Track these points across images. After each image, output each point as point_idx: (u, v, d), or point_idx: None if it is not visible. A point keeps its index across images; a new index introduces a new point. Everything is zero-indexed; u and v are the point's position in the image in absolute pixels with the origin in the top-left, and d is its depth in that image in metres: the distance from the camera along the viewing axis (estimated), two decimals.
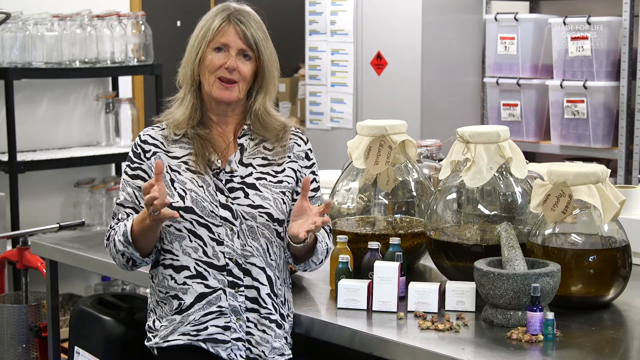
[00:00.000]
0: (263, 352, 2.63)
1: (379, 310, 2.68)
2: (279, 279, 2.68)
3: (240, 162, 2.67)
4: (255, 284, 2.63)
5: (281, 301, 2.68)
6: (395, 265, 2.72)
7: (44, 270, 3.79)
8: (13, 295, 4.39)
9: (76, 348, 3.32)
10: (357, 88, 5.82)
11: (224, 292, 2.62)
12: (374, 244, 2.86)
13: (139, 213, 2.59)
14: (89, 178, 5.38)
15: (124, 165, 2.73)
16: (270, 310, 2.64)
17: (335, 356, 2.93)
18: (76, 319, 3.35)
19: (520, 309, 2.51)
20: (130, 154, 2.70)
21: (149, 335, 2.71)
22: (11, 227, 4.87)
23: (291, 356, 2.68)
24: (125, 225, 2.60)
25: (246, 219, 2.62)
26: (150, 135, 2.70)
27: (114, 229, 2.66)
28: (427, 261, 3.12)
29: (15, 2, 5.10)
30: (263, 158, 2.70)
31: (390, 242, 2.86)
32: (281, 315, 2.67)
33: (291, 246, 2.64)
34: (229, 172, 2.65)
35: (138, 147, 2.69)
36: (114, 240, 2.64)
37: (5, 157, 4.87)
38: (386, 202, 3.18)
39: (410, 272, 3.02)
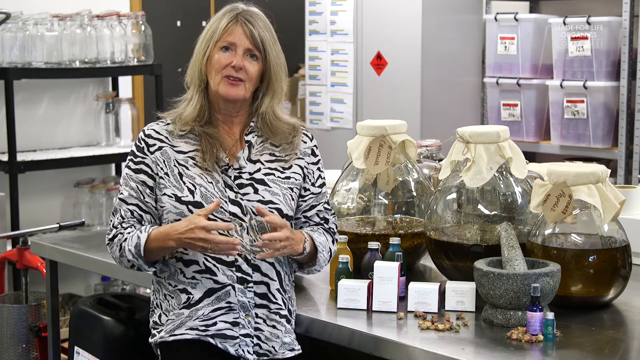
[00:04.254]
0: (273, 347, 2.64)
1: (379, 310, 2.68)
2: (287, 274, 2.70)
3: (249, 159, 2.69)
4: (265, 279, 2.64)
5: (289, 297, 2.70)
6: (395, 265, 2.72)
7: (44, 270, 3.79)
8: (13, 295, 4.39)
9: (76, 348, 3.32)
10: (357, 88, 5.81)
11: (233, 287, 2.62)
12: (374, 244, 2.86)
13: (161, 231, 2.59)
14: (89, 178, 5.38)
15: (125, 161, 2.72)
16: (280, 305, 2.65)
17: (335, 356, 2.93)
18: (76, 319, 3.35)
19: (520, 309, 2.51)
20: (134, 149, 2.69)
21: (154, 331, 2.70)
22: (11, 227, 4.86)
23: (301, 351, 2.69)
24: (139, 237, 2.60)
25: (256, 215, 2.63)
26: (154, 130, 2.70)
27: (121, 233, 2.64)
28: (427, 261, 3.12)
29: (15, 2, 5.10)
30: (270, 154, 2.72)
31: (390, 242, 2.86)
32: (289, 310, 2.68)
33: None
34: (237, 169, 2.66)
35: (142, 141, 2.68)
36: (120, 245, 2.64)
37: (5, 157, 4.87)
38: (386, 202, 3.18)
39: (410, 272, 3.02)
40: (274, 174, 2.69)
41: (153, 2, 6.35)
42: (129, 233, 2.63)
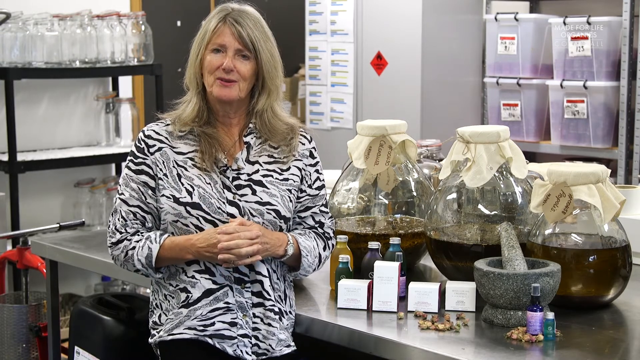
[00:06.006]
0: (270, 345, 2.64)
1: (379, 310, 2.68)
2: (275, 272, 2.70)
3: (247, 160, 2.69)
4: (259, 277, 2.65)
5: (279, 295, 2.69)
6: (395, 265, 2.72)
7: (44, 270, 3.79)
8: (13, 295, 4.39)
9: (76, 348, 3.32)
10: (357, 88, 5.82)
11: (231, 288, 2.63)
12: (374, 244, 2.86)
13: (176, 243, 2.61)
14: (89, 178, 5.38)
15: (125, 162, 2.72)
16: (274, 302, 2.66)
17: (335, 356, 2.93)
18: (76, 319, 3.35)
19: (520, 309, 2.51)
20: (134, 149, 2.69)
21: (153, 331, 2.71)
22: (11, 227, 4.86)
23: (295, 347, 2.69)
24: (150, 248, 2.62)
25: (253, 216, 2.63)
26: (154, 131, 2.70)
27: (128, 240, 2.65)
28: (427, 261, 3.12)
29: (15, 2, 5.10)
30: (269, 156, 2.72)
31: (390, 242, 2.86)
32: (279, 308, 2.68)
33: None
34: (236, 170, 2.67)
35: (142, 142, 2.69)
36: (126, 252, 2.65)
37: (5, 157, 4.87)
38: (386, 202, 3.18)
39: (410, 272, 3.02)
40: (272, 176, 2.69)
41: (153, 2, 6.35)
42: (137, 242, 2.64)
